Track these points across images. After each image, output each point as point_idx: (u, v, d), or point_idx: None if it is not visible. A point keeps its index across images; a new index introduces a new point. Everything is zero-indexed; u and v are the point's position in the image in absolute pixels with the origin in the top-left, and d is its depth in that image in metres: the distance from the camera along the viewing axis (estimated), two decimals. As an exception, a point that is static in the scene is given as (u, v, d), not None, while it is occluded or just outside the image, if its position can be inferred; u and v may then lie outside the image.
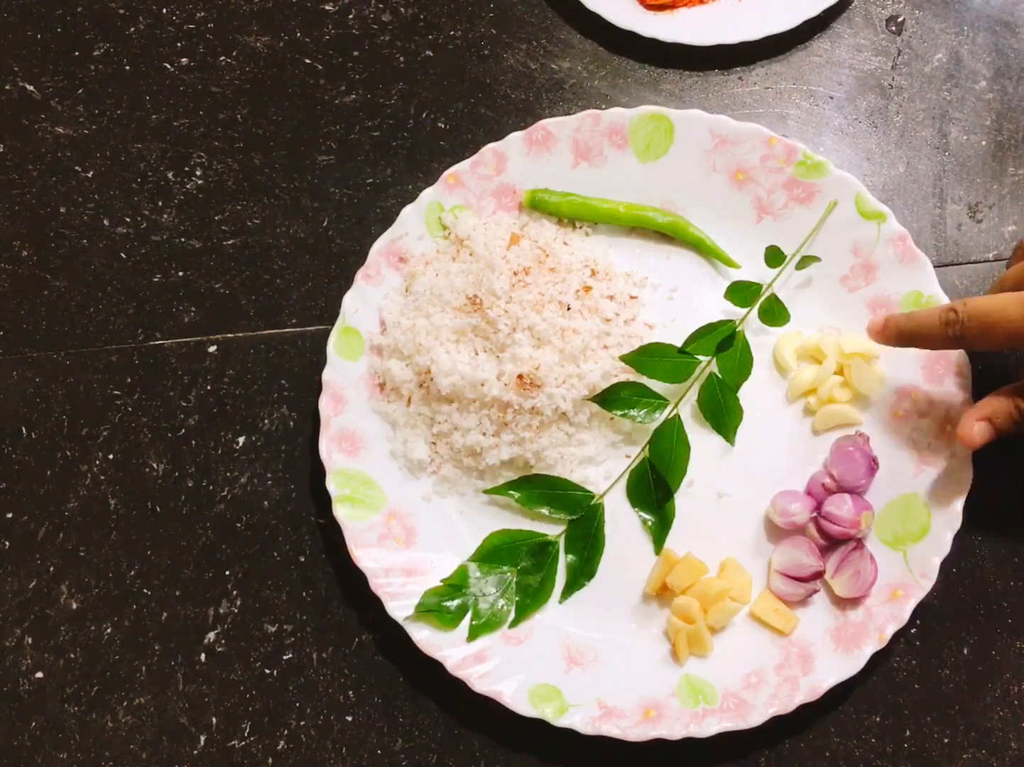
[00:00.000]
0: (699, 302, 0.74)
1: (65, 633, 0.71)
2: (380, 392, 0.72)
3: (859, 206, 0.72)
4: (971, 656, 0.68)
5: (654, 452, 0.70)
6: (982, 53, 0.80)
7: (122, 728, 0.69)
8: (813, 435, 0.72)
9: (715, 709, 0.65)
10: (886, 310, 0.72)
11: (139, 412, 0.75)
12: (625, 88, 0.81)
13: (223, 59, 0.82)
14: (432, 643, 0.66)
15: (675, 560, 0.68)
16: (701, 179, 0.75)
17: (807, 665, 0.66)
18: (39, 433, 0.74)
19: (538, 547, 0.70)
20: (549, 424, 0.70)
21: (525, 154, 0.74)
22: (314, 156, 0.80)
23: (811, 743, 0.67)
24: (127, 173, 0.80)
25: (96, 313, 0.77)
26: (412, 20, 0.83)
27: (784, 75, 0.81)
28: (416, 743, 0.68)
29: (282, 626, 0.70)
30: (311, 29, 0.83)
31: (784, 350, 0.72)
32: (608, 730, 0.65)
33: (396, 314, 0.72)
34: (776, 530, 0.70)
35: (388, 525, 0.69)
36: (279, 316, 0.77)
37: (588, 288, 0.72)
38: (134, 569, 0.72)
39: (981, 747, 0.67)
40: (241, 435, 0.74)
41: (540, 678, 0.66)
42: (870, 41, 0.81)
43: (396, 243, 0.73)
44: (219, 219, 0.79)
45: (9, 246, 0.78)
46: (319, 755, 0.68)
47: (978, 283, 0.75)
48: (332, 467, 0.69)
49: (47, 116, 0.81)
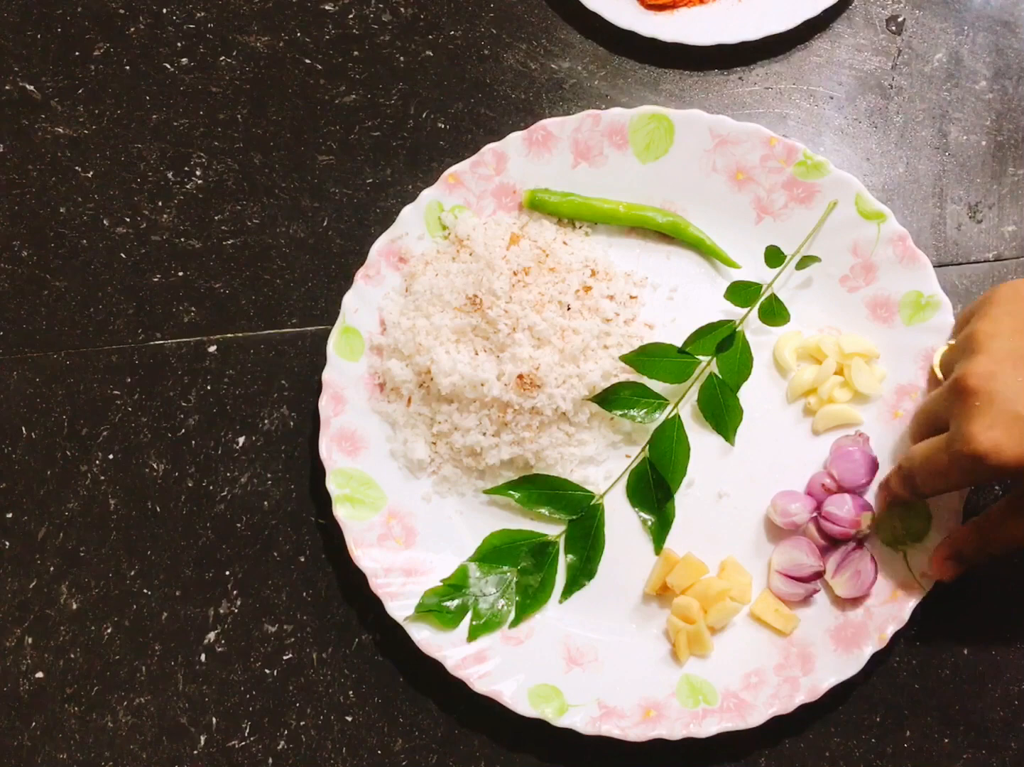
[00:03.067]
0: (699, 302, 0.74)
1: (65, 633, 0.71)
2: (380, 392, 0.72)
3: (859, 206, 0.72)
4: (971, 656, 0.68)
5: (654, 452, 0.70)
6: (982, 53, 0.80)
7: (122, 728, 0.69)
8: (813, 435, 0.72)
9: (715, 709, 0.65)
10: (886, 310, 0.72)
11: (139, 412, 0.75)
12: (625, 88, 0.81)
13: (223, 59, 0.82)
14: (432, 643, 0.66)
15: (675, 560, 0.68)
16: (701, 179, 0.75)
17: (807, 665, 0.66)
18: (39, 433, 0.74)
19: (538, 547, 0.70)
20: (549, 424, 0.70)
21: (525, 154, 0.74)
22: (314, 156, 0.80)
23: (811, 743, 0.67)
24: (127, 173, 0.80)
25: (96, 313, 0.77)
26: (412, 20, 0.83)
27: (784, 75, 0.81)
28: (416, 743, 0.68)
29: (282, 626, 0.70)
30: (311, 29, 0.83)
31: (784, 350, 0.72)
32: (608, 730, 0.65)
33: (396, 314, 0.72)
34: (776, 530, 0.70)
35: (388, 525, 0.69)
36: (279, 316, 0.77)
37: (588, 288, 0.72)
38: (134, 569, 0.72)
39: (981, 747, 0.67)
40: (241, 435, 0.74)
41: (540, 678, 0.66)
42: (870, 41, 0.81)
43: (396, 243, 0.73)
44: (219, 219, 0.79)
45: (9, 246, 0.78)
46: (319, 755, 0.68)
47: (978, 283, 0.75)
48: (332, 467, 0.69)
49: (47, 116, 0.81)
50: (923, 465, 0.61)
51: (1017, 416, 0.56)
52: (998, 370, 0.57)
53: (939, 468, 0.60)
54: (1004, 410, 0.56)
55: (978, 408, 0.57)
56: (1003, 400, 0.56)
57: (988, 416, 0.57)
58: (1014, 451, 0.56)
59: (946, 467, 0.59)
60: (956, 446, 0.58)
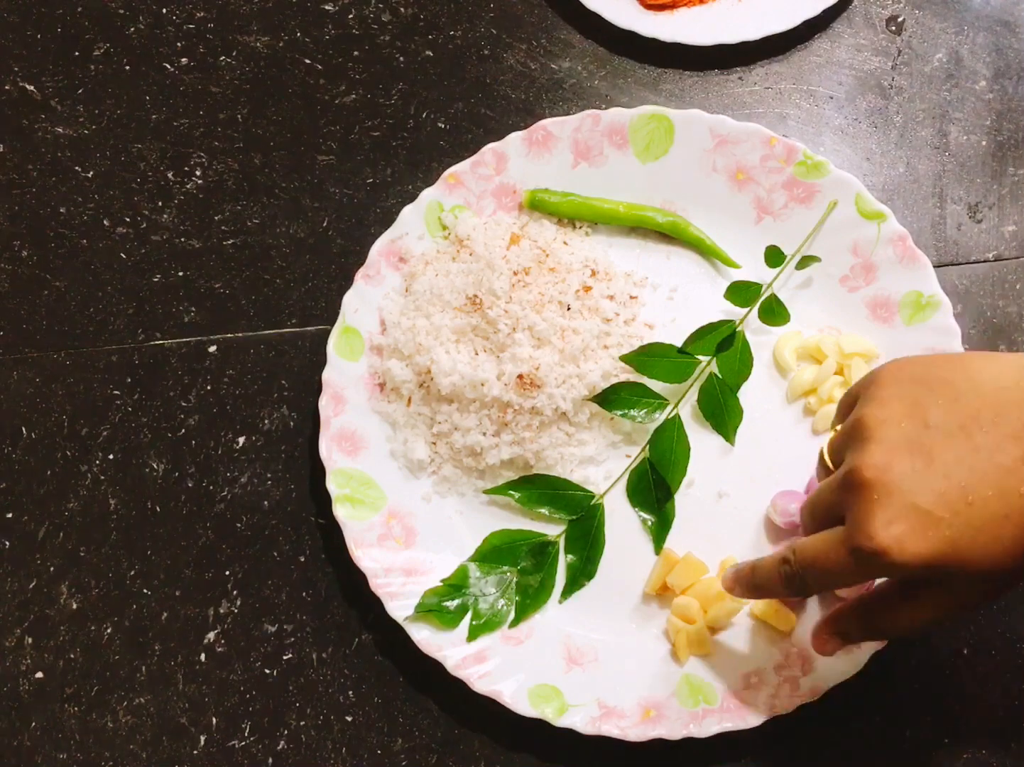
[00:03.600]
0: (699, 302, 0.74)
1: (65, 633, 0.71)
2: (380, 392, 0.72)
3: (859, 206, 0.72)
4: (971, 656, 0.68)
5: (654, 452, 0.70)
6: (982, 53, 0.81)
7: (122, 728, 0.69)
8: (813, 435, 0.72)
9: (715, 709, 0.65)
10: (886, 310, 0.72)
11: (139, 412, 0.75)
12: (625, 88, 0.81)
13: (223, 59, 0.82)
14: (432, 643, 0.66)
15: (675, 560, 0.68)
16: (701, 179, 0.75)
17: (807, 665, 0.66)
18: (39, 433, 0.74)
19: (538, 547, 0.70)
20: (549, 424, 0.70)
21: (525, 154, 0.74)
22: (314, 156, 0.80)
23: (811, 743, 0.67)
24: (127, 173, 0.80)
25: (96, 313, 0.77)
26: (412, 20, 0.83)
27: (784, 75, 0.81)
28: (416, 743, 0.68)
29: (282, 626, 0.70)
30: (311, 29, 0.83)
31: (784, 350, 0.72)
32: (608, 730, 0.65)
33: (396, 314, 0.72)
34: (776, 530, 0.70)
35: (388, 525, 0.69)
36: (279, 316, 0.77)
37: (588, 288, 0.72)
38: (134, 569, 0.72)
39: (981, 747, 0.67)
40: (241, 435, 0.74)
41: (540, 678, 0.66)
42: (870, 41, 0.81)
43: (396, 243, 0.73)
44: (219, 219, 0.79)
45: (9, 246, 0.78)
46: (319, 755, 0.68)
47: (978, 283, 0.75)
48: (332, 467, 0.69)
49: (47, 116, 0.81)
50: (816, 561, 0.55)
51: (917, 508, 0.51)
52: (893, 460, 0.52)
53: (835, 565, 0.54)
54: (903, 503, 0.51)
55: (876, 502, 0.52)
56: (901, 492, 0.51)
57: (888, 510, 0.51)
58: (917, 546, 0.51)
59: (843, 564, 0.53)
60: (855, 542, 0.52)
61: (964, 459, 0.52)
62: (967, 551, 0.51)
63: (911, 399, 0.53)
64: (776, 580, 0.58)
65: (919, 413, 0.53)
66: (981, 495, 0.51)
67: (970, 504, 0.51)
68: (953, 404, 0.53)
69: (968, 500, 0.51)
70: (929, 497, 0.51)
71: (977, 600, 0.55)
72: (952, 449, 0.52)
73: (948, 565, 0.51)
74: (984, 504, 0.51)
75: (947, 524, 0.51)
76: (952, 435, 0.52)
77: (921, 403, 0.53)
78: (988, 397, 0.52)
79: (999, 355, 0.55)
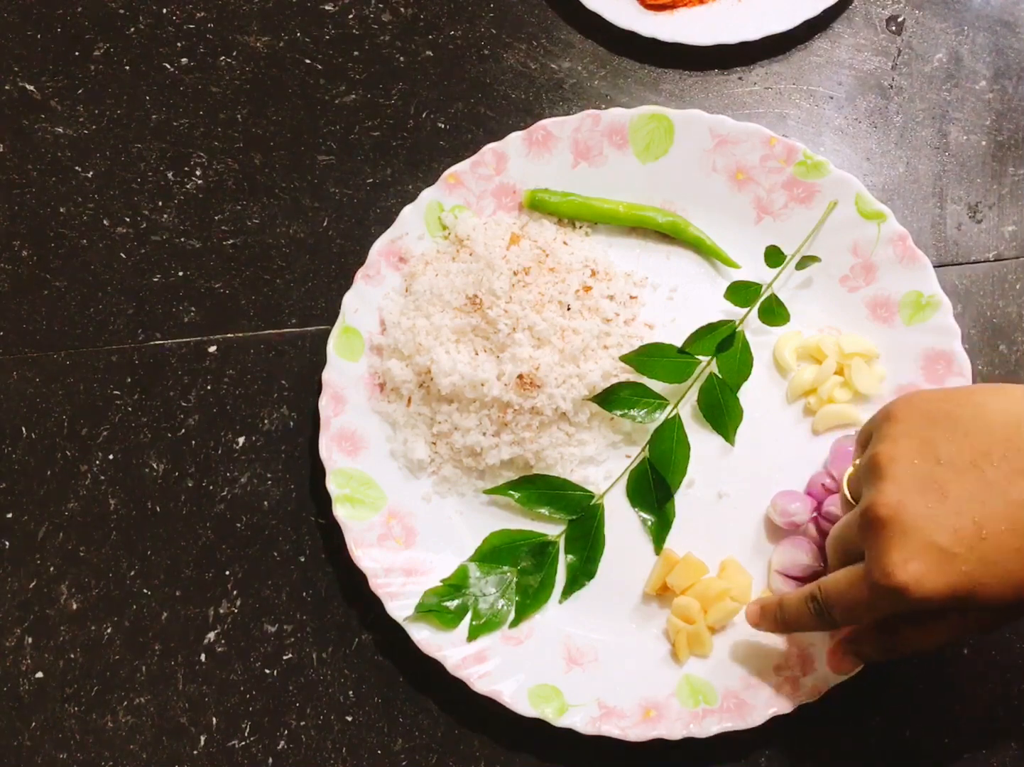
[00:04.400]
0: (699, 302, 0.74)
1: (65, 633, 0.71)
2: (380, 392, 0.72)
3: (859, 206, 0.72)
4: (971, 656, 0.68)
5: (654, 452, 0.70)
6: (982, 53, 0.80)
7: (122, 728, 0.69)
8: (813, 435, 0.72)
9: (715, 709, 0.65)
10: (886, 310, 0.72)
11: (139, 412, 0.75)
12: (625, 88, 0.81)
13: (223, 59, 0.82)
14: (432, 643, 0.66)
15: (675, 560, 0.68)
16: (701, 179, 0.75)
17: (807, 665, 0.66)
18: (39, 433, 0.74)
19: (538, 547, 0.70)
20: (549, 424, 0.70)
21: (525, 154, 0.74)
22: (314, 156, 0.80)
23: (811, 743, 0.67)
24: (127, 173, 0.80)
25: (96, 313, 0.77)
26: (412, 20, 0.83)
27: (784, 75, 0.81)
28: (416, 743, 0.68)
29: (282, 626, 0.70)
30: (311, 29, 0.83)
31: (784, 350, 0.72)
32: (608, 730, 0.65)
33: (396, 314, 0.72)
34: (776, 530, 0.70)
35: (388, 525, 0.69)
36: (279, 316, 0.77)
37: (588, 288, 0.72)
38: (134, 569, 0.72)
39: (981, 747, 0.67)
40: (241, 435, 0.74)
41: (540, 678, 0.66)
42: (870, 41, 0.81)
43: (396, 243, 0.73)
44: (219, 219, 0.79)
45: (9, 246, 0.78)
46: (319, 755, 0.68)
47: (978, 283, 0.75)
48: (332, 467, 0.69)
49: (47, 116, 0.81)
50: (841, 597, 0.57)
51: (933, 545, 0.52)
52: (907, 498, 0.53)
53: (859, 600, 0.56)
54: (919, 540, 0.52)
55: (892, 540, 0.53)
56: (916, 530, 0.53)
57: (904, 548, 0.53)
58: (935, 583, 0.52)
59: (867, 599, 0.55)
60: (874, 579, 0.54)
61: (976, 495, 0.53)
62: (983, 584, 0.52)
63: (922, 436, 0.55)
64: (806, 616, 0.60)
65: (930, 450, 0.54)
66: (995, 530, 0.52)
67: (984, 539, 0.52)
68: (964, 440, 0.54)
69: (982, 535, 0.52)
70: (944, 534, 0.52)
71: (993, 623, 0.57)
72: (964, 485, 0.53)
73: (965, 598, 0.53)
74: (998, 538, 0.52)
75: (963, 559, 0.52)
76: (964, 471, 0.53)
77: (932, 440, 0.54)
78: (997, 432, 0.54)
79: (1007, 388, 0.56)
